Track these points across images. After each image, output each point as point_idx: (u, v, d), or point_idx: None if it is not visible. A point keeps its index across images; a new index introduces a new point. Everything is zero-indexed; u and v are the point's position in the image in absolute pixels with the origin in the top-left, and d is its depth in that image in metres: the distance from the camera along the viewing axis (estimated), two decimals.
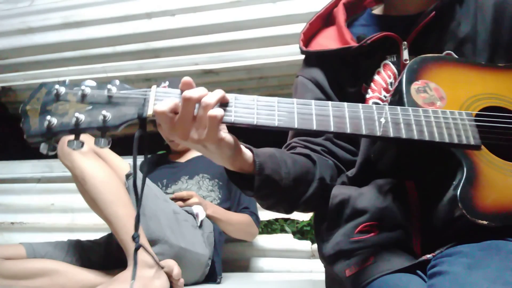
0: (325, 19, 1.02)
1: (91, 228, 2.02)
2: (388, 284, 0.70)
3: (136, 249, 0.70)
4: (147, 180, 1.39)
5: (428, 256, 0.70)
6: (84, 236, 1.58)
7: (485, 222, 0.65)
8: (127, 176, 1.30)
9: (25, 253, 1.34)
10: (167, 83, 1.74)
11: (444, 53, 0.86)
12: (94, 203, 1.23)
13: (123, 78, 2.27)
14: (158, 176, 1.74)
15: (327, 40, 0.96)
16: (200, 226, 1.49)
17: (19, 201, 2.27)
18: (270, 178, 0.75)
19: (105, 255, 1.48)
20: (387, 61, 0.89)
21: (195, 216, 1.49)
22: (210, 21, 2.08)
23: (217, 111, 0.63)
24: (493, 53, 0.86)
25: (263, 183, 0.75)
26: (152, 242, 1.27)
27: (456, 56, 0.85)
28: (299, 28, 1.03)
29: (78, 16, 2.23)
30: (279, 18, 2.00)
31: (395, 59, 0.88)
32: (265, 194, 0.78)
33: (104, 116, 0.63)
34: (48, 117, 0.63)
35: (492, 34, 0.86)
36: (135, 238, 0.70)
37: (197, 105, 0.64)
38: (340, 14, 0.97)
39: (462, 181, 0.67)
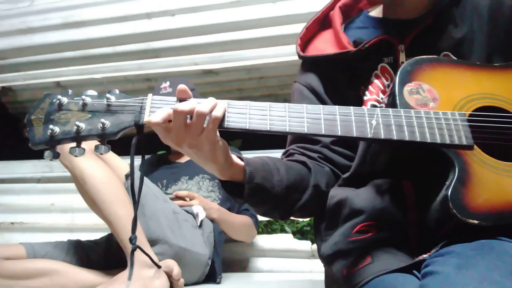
0: (321, 22, 1.02)
1: (91, 228, 2.02)
2: (385, 284, 0.70)
3: (133, 251, 0.71)
4: (147, 180, 1.40)
5: (425, 256, 0.70)
6: (84, 236, 1.58)
7: (476, 222, 0.65)
8: (127, 176, 1.30)
9: (25, 253, 1.34)
10: (168, 83, 1.74)
11: (442, 54, 0.86)
12: (93, 203, 1.23)
13: (123, 78, 2.27)
14: (158, 177, 1.73)
15: (324, 44, 0.96)
16: (200, 226, 1.48)
17: (19, 201, 2.27)
18: (261, 186, 0.76)
19: (105, 255, 1.48)
20: (384, 64, 0.90)
21: (195, 216, 1.49)
22: (210, 21, 2.08)
23: (218, 111, 0.65)
24: (490, 53, 0.86)
25: (253, 191, 0.76)
26: (152, 242, 1.27)
27: (453, 57, 0.85)
28: (299, 28, 1.03)
29: (78, 16, 2.23)
30: (279, 18, 2.00)
31: (392, 61, 0.89)
32: (256, 202, 0.80)
33: (103, 124, 0.66)
34: (51, 126, 0.66)
35: (488, 35, 0.86)
36: (132, 240, 0.71)
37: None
38: (337, 17, 0.97)
39: (454, 181, 0.67)
